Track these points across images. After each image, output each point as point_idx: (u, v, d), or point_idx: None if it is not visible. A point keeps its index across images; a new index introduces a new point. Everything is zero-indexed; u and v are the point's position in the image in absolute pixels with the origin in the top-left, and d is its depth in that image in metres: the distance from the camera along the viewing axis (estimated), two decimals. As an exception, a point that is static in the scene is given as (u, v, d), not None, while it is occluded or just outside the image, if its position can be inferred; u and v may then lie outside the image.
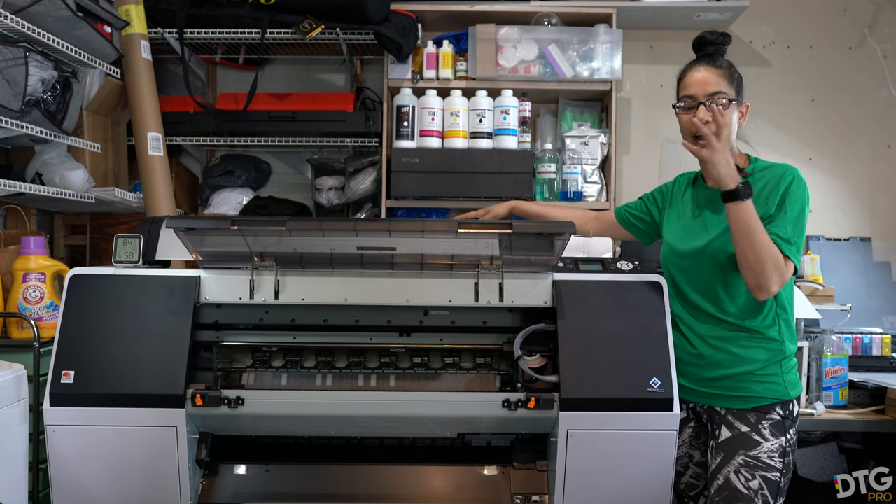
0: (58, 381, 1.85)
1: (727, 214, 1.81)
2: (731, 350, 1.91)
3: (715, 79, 1.89)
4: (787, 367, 1.92)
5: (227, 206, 3.09)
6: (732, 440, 1.90)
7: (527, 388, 1.94)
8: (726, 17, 3.09)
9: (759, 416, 1.89)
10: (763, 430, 1.88)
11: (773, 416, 1.89)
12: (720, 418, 1.94)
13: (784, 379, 1.91)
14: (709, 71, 1.91)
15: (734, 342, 1.91)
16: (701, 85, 1.90)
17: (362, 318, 2.04)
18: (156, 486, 1.89)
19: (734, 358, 1.91)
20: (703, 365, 1.95)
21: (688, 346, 1.97)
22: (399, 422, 2.00)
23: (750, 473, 1.87)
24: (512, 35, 2.97)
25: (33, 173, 2.51)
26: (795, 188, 1.87)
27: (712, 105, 1.88)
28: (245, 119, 2.96)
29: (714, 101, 1.88)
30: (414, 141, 2.96)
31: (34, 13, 2.16)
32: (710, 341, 1.94)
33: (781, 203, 1.85)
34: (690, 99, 1.91)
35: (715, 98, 1.88)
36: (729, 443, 1.90)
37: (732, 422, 1.91)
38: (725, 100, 1.88)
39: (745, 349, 1.91)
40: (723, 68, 1.92)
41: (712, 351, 1.93)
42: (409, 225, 1.99)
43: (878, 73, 3.30)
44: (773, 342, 1.91)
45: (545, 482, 2.00)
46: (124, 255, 2.03)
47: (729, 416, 1.92)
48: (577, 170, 3.01)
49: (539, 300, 1.97)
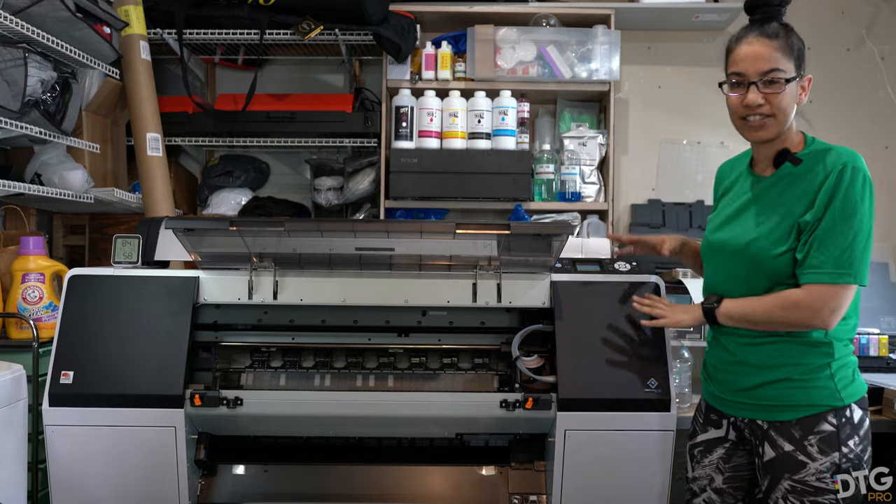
0: (57, 381, 1.86)
1: (724, 324, 1.71)
2: (770, 355, 1.66)
3: (769, 52, 1.59)
4: (837, 369, 1.63)
5: (225, 207, 3.09)
6: (776, 462, 1.64)
7: (525, 388, 1.95)
8: (724, 18, 3.09)
9: (805, 430, 1.61)
10: (809, 447, 1.61)
11: (824, 429, 1.61)
12: (762, 433, 1.68)
13: (835, 382, 1.62)
14: (762, 43, 1.60)
15: (774, 346, 1.65)
16: (753, 61, 1.60)
17: (361, 319, 2.05)
18: (154, 486, 1.89)
19: (774, 363, 1.66)
20: (740, 373, 1.71)
21: (724, 354, 1.74)
22: (397, 422, 2.00)
23: (798, 500, 1.61)
24: (510, 36, 2.97)
25: (32, 174, 2.51)
26: (850, 187, 1.57)
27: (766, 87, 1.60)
28: (244, 119, 2.96)
29: (769, 79, 1.59)
30: (412, 141, 2.96)
31: (33, 14, 2.17)
32: (748, 346, 1.69)
33: (831, 209, 1.56)
34: (739, 76, 1.63)
35: (770, 76, 1.60)
36: (773, 465, 1.65)
37: (775, 438, 1.64)
38: (782, 79, 1.60)
39: (784, 355, 1.65)
40: (779, 38, 1.61)
41: (751, 356, 1.69)
42: (407, 226, 2.00)
43: (876, 74, 3.30)
44: (820, 345, 1.64)
45: (543, 482, 2.01)
46: (123, 255, 2.04)
47: (771, 432, 1.65)
48: (575, 170, 3.01)
49: (537, 301, 1.98)
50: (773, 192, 1.67)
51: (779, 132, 1.65)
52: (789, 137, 1.68)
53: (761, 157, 1.73)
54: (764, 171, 1.71)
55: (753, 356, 1.68)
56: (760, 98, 1.61)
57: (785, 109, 1.62)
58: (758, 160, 1.74)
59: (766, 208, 1.67)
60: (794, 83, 1.61)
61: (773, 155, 1.69)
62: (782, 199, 1.65)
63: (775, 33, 1.61)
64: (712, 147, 3.23)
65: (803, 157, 1.64)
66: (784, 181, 1.66)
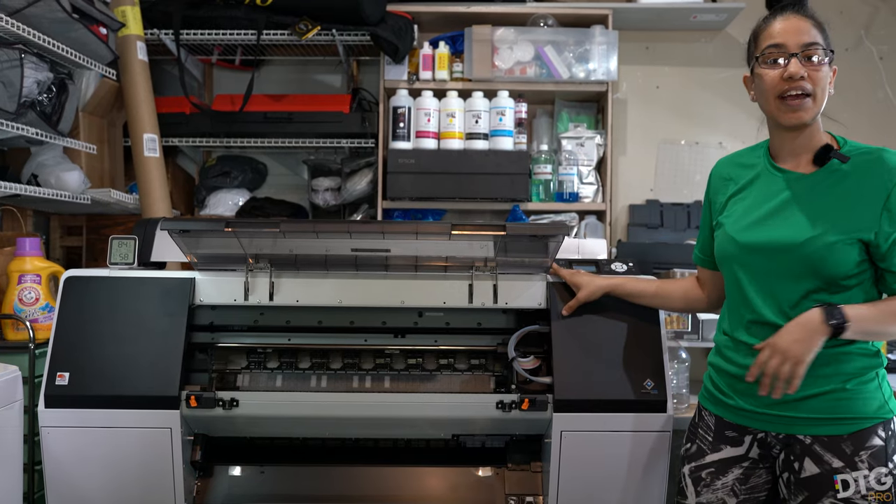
0: (52, 382, 1.86)
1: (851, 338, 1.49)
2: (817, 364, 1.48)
3: (807, 27, 1.52)
4: (882, 378, 1.55)
5: (223, 208, 3.09)
6: (820, 479, 1.51)
7: (521, 389, 1.94)
8: (722, 18, 3.09)
9: (857, 445, 1.50)
10: (860, 462, 1.49)
11: (875, 443, 1.50)
12: (803, 448, 1.54)
13: (882, 392, 1.53)
14: (800, 18, 1.54)
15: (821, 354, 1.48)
16: (794, 33, 1.52)
17: (357, 320, 2.04)
18: (150, 487, 1.89)
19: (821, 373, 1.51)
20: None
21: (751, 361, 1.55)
22: (393, 423, 2.00)
23: None
24: (508, 36, 2.97)
25: (29, 175, 2.51)
26: None
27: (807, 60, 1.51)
28: (241, 120, 2.96)
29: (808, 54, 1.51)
30: (410, 142, 2.96)
31: (29, 15, 2.16)
32: None
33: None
34: (779, 49, 1.52)
35: (810, 50, 1.51)
36: (816, 481, 1.52)
37: (822, 454, 1.51)
38: (823, 53, 1.51)
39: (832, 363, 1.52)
40: (815, 18, 1.55)
41: None
42: (403, 227, 2.00)
43: (875, 74, 3.30)
44: (870, 354, 1.53)
45: (539, 483, 2.00)
46: (119, 256, 2.04)
47: (816, 447, 1.52)
48: (573, 171, 3.01)
49: (533, 302, 1.98)
50: (822, 190, 1.54)
51: (815, 116, 1.55)
52: (820, 133, 1.58)
53: (790, 151, 1.60)
54: (798, 167, 1.59)
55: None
56: (803, 70, 1.50)
57: (824, 89, 1.53)
58: (784, 155, 1.60)
59: (819, 206, 1.53)
60: (829, 67, 1.54)
61: (809, 149, 1.58)
62: (835, 198, 1.53)
63: (811, 14, 1.55)
64: (710, 147, 3.23)
65: (849, 154, 1.54)
66: (833, 178, 1.54)
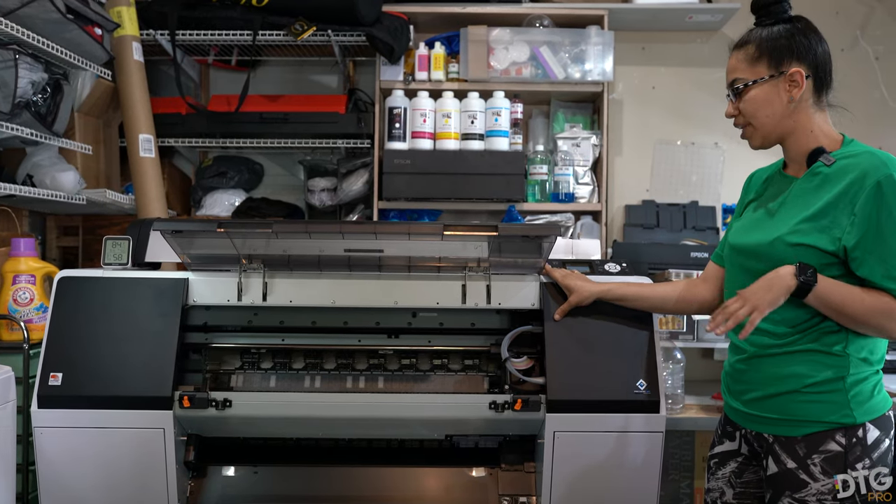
0: (45, 383, 1.86)
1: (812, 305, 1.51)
2: (780, 365, 1.57)
3: (734, 64, 1.63)
4: (853, 384, 1.53)
5: (219, 208, 3.09)
6: (778, 477, 1.58)
7: (514, 389, 1.94)
8: (718, 18, 3.09)
9: (810, 449, 1.54)
10: (812, 466, 1.53)
11: (831, 448, 1.52)
12: (767, 447, 1.61)
13: (848, 397, 1.52)
14: (732, 56, 1.64)
15: (787, 357, 1.56)
16: (728, 73, 1.65)
17: (350, 320, 2.05)
18: (143, 487, 1.89)
19: (782, 374, 1.57)
20: (748, 381, 1.63)
21: (738, 363, 1.66)
22: (387, 423, 2.00)
23: None
24: (503, 37, 2.97)
25: (24, 175, 2.51)
26: (890, 197, 1.46)
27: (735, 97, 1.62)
28: (237, 120, 2.97)
29: (734, 91, 1.62)
30: (406, 142, 2.96)
31: (24, 15, 2.16)
32: (761, 357, 1.60)
33: (875, 224, 1.47)
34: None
35: (733, 87, 1.62)
36: (775, 480, 1.59)
37: (779, 453, 1.58)
38: (741, 85, 1.60)
39: (795, 365, 1.56)
40: (745, 45, 1.61)
41: (764, 366, 1.60)
42: (395, 227, 2.00)
43: (871, 74, 3.30)
44: (836, 358, 1.54)
45: (533, 484, 2.01)
46: (113, 257, 2.04)
47: (776, 446, 1.58)
48: (568, 171, 3.01)
49: (526, 302, 1.98)
50: (804, 193, 1.56)
51: (765, 137, 1.61)
52: (812, 137, 1.59)
53: (789, 158, 1.66)
54: (798, 171, 1.62)
55: (765, 365, 1.59)
56: (732, 108, 1.63)
57: (755, 114, 1.59)
58: (788, 162, 1.67)
59: (796, 209, 1.56)
60: (760, 86, 1.57)
61: (803, 154, 1.60)
62: (813, 200, 1.54)
63: (743, 41, 1.62)
64: (706, 148, 3.23)
65: (837, 157, 1.54)
66: (815, 181, 1.56)
